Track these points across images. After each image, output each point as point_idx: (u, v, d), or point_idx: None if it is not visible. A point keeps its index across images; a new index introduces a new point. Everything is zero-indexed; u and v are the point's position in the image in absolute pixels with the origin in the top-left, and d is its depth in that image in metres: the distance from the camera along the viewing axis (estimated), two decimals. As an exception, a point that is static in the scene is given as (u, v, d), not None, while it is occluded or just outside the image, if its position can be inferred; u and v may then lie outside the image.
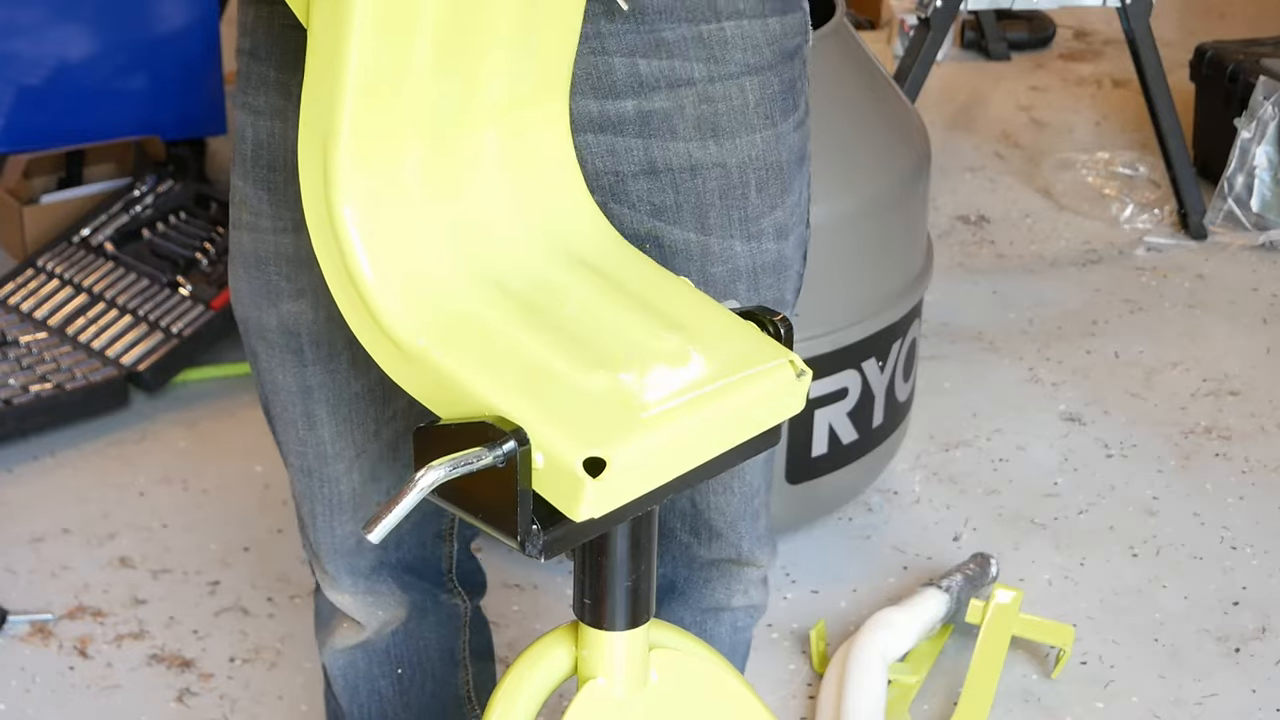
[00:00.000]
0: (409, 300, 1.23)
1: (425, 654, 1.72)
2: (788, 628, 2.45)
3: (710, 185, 1.42)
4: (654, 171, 1.41)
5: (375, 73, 1.19)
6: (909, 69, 3.42)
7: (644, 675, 1.36)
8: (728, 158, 1.41)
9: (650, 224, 1.42)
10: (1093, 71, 4.43)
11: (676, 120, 1.39)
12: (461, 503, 1.21)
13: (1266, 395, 3.03)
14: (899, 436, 2.61)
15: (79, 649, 2.38)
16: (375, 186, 1.22)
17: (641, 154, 1.40)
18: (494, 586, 2.48)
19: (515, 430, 1.16)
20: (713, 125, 1.40)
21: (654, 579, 1.34)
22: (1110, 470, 2.82)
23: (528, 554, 1.19)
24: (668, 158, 1.40)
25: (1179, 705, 2.31)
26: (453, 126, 1.26)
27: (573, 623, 1.37)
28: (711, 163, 1.41)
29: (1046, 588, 2.53)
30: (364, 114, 1.20)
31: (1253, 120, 3.56)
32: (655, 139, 1.40)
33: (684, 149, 1.40)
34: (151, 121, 3.43)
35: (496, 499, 1.18)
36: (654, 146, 1.40)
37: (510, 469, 1.16)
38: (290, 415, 1.51)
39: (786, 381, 1.27)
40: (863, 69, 2.46)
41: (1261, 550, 2.62)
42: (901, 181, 2.44)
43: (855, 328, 2.41)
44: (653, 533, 1.32)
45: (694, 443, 1.23)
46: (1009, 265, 3.49)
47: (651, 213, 1.42)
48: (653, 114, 1.39)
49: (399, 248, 1.24)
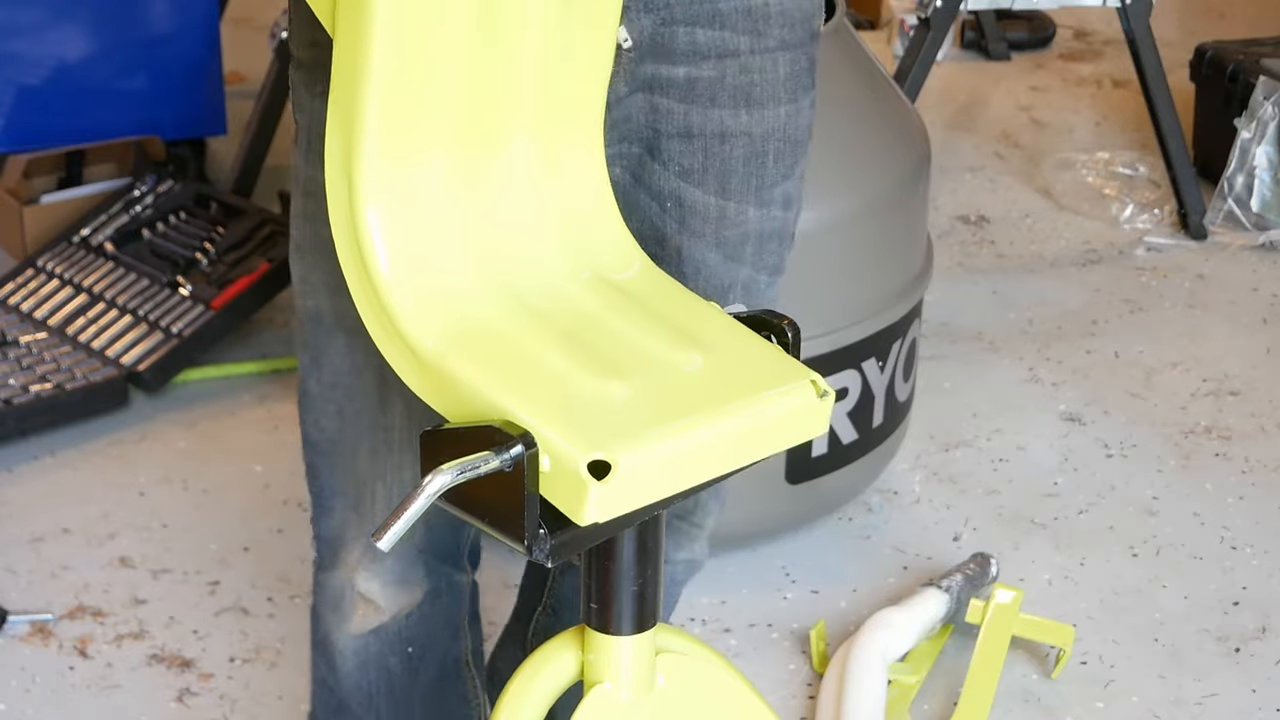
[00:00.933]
0: (425, 303, 1.23)
1: (435, 631, 1.73)
2: (788, 628, 2.45)
3: (736, 153, 1.50)
4: (689, 135, 1.48)
5: (398, 84, 1.20)
6: (909, 69, 3.42)
7: (650, 680, 1.35)
8: (754, 127, 1.49)
9: (676, 184, 1.50)
10: (1093, 71, 4.43)
11: (718, 89, 1.47)
12: (468, 507, 1.20)
13: (1266, 395, 3.03)
14: (899, 436, 2.61)
15: (79, 649, 2.38)
16: (400, 191, 1.23)
17: (681, 118, 1.47)
18: (494, 586, 2.47)
19: (523, 434, 1.16)
20: (747, 95, 1.48)
21: (661, 584, 1.34)
22: (1110, 470, 2.82)
23: (534, 559, 1.18)
24: (704, 123, 1.48)
25: (1179, 705, 2.31)
26: (483, 140, 1.27)
27: (579, 627, 1.36)
28: (741, 131, 1.49)
29: (1046, 588, 2.53)
30: (388, 123, 1.21)
31: (1253, 120, 3.56)
32: (696, 105, 1.47)
33: (719, 116, 1.48)
34: (151, 121, 3.44)
35: (503, 503, 1.18)
36: (694, 112, 1.47)
37: (518, 473, 1.16)
38: (364, 403, 1.52)
39: (808, 401, 1.26)
40: (863, 69, 2.46)
41: (1261, 550, 2.62)
42: (901, 181, 2.44)
43: (855, 328, 2.41)
44: (660, 538, 1.32)
45: (706, 457, 1.22)
46: (1009, 265, 3.49)
47: (680, 174, 1.49)
48: (699, 81, 1.46)
49: (419, 251, 1.24)
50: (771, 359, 1.28)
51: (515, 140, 1.29)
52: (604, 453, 1.15)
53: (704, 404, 1.22)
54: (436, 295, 1.24)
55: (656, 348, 1.26)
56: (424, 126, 1.23)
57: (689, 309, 1.32)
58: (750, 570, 2.55)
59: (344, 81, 1.22)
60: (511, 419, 1.17)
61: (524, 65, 1.27)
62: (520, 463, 1.15)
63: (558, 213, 1.32)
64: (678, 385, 1.23)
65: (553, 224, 1.32)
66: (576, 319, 1.27)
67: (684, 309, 1.31)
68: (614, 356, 1.24)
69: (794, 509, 2.54)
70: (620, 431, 1.18)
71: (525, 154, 1.30)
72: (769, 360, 1.28)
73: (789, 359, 1.29)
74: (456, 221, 1.26)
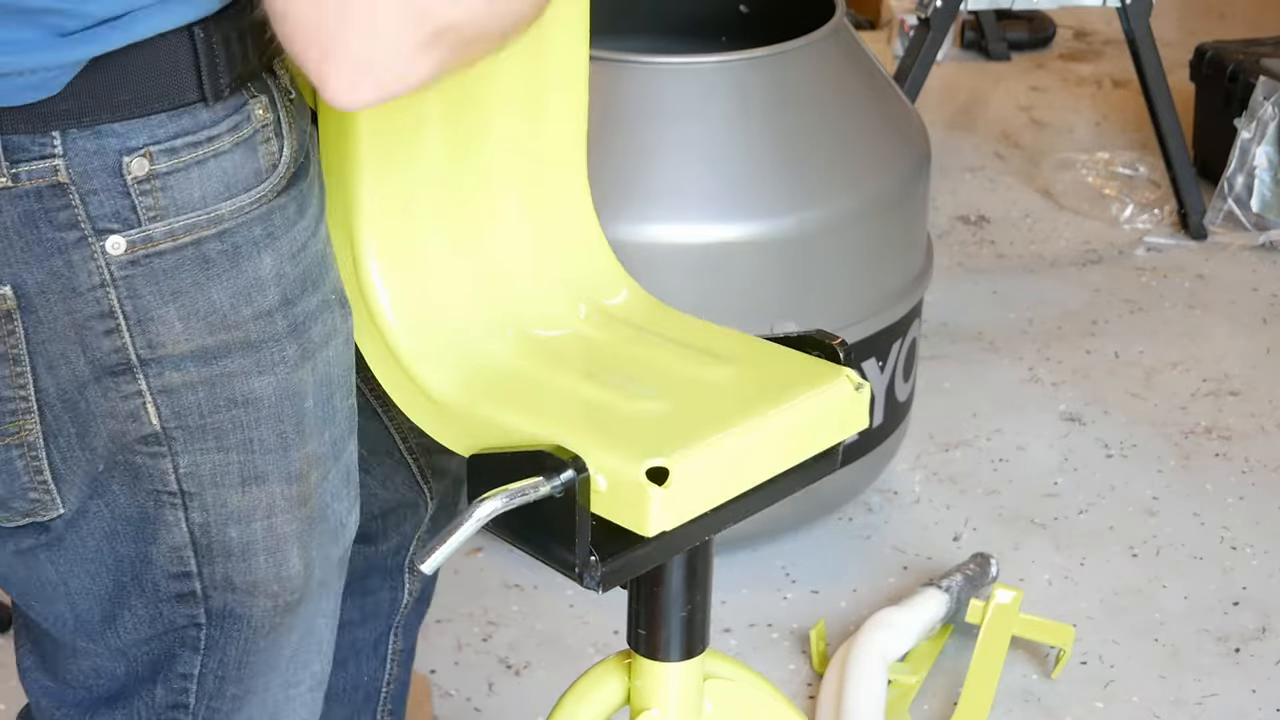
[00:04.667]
0: (442, 357, 1.24)
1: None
2: (788, 628, 2.45)
3: None
4: None
5: (383, 152, 1.22)
6: (909, 69, 3.42)
7: (699, 707, 1.34)
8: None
9: None
10: (1093, 71, 4.43)
11: None
12: (515, 532, 1.19)
13: (1266, 395, 3.03)
14: (899, 436, 2.61)
15: (79, 649, 2.38)
16: (400, 251, 1.24)
17: None
18: (494, 586, 2.48)
19: (574, 459, 1.14)
20: None
21: (709, 609, 1.32)
22: (1110, 470, 2.81)
23: (585, 586, 1.16)
24: None
25: (1179, 705, 2.31)
26: (471, 188, 1.28)
27: (624, 652, 1.35)
28: None
29: (1046, 588, 2.53)
30: (379, 189, 1.22)
31: (1253, 120, 3.56)
32: None
33: None
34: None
35: (552, 528, 1.16)
36: None
37: (568, 498, 1.14)
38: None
39: (845, 396, 1.27)
40: (863, 69, 2.46)
41: (1261, 550, 2.62)
42: (901, 181, 2.44)
43: (855, 328, 2.41)
44: (709, 563, 1.30)
45: (757, 458, 1.22)
46: (1009, 265, 3.49)
47: None
48: None
49: (427, 311, 1.25)
50: (799, 362, 1.29)
51: (503, 197, 1.31)
52: (661, 459, 1.15)
53: (746, 409, 1.23)
54: (452, 346, 1.25)
55: (683, 367, 1.27)
56: (414, 186, 1.25)
57: (700, 330, 1.33)
58: (750, 570, 2.55)
59: (334, 168, 1.23)
60: (561, 444, 1.16)
61: (501, 137, 1.28)
62: (571, 488, 1.14)
63: (551, 252, 1.34)
64: (716, 396, 1.24)
65: (547, 262, 1.33)
66: (594, 352, 1.28)
67: (695, 331, 1.33)
68: (643, 379, 1.25)
69: (794, 509, 2.54)
70: (672, 440, 1.18)
71: (515, 209, 1.31)
72: (797, 364, 1.29)
73: (817, 360, 1.30)
74: (459, 276, 1.27)
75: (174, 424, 1.16)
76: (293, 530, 1.23)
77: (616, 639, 2.39)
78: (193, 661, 1.26)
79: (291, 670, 1.31)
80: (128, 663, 1.27)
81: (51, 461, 1.18)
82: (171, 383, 1.15)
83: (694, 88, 2.29)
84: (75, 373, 1.14)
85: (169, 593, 1.24)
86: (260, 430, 1.18)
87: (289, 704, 1.32)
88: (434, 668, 2.34)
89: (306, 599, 1.27)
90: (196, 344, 1.14)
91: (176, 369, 1.15)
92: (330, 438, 1.23)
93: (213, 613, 1.24)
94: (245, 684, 1.29)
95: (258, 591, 1.24)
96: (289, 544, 1.23)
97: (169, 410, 1.16)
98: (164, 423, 1.16)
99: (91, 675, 1.29)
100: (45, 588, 1.25)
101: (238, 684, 1.28)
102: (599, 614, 2.44)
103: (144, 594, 1.24)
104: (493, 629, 2.42)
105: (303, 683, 1.33)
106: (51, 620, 1.27)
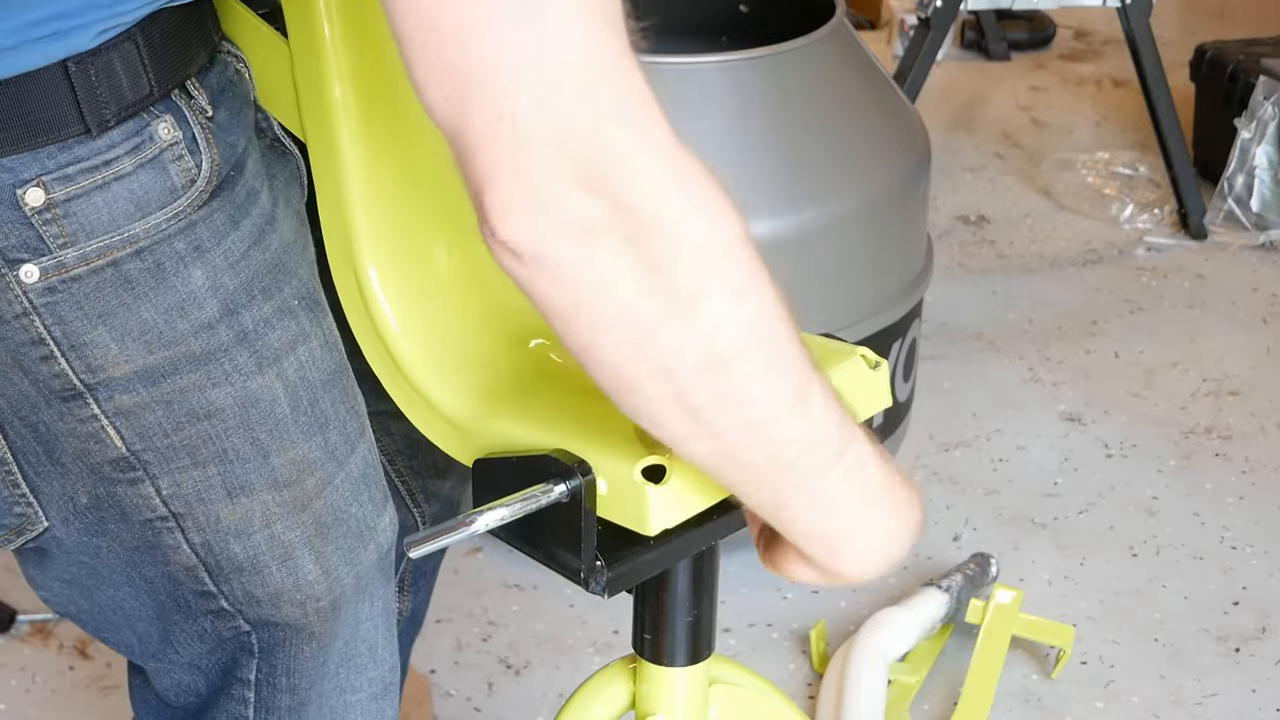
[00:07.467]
0: (451, 372, 1.23)
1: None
2: (788, 628, 2.45)
3: None
4: None
5: (383, 166, 1.21)
6: (909, 69, 3.42)
7: (704, 712, 1.33)
8: None
9: None
10: (1093, 71, 4.43)
11: None
12: (519, 536, 1.18)
13: (1266, 395, 3.03)
14: (899, 436, 2.61)
15: (79, 649, 2.38)
16: (404, 266, 1.23)
17: None
18: (494, 586, 2.48)
19: (579, 463, 1.13)
20: None
21: (715, 614, 1.31)
22: (1110, 470, 2.82)
23: (591, 591, 1.15)
24: None
25: (1179, 705, 2.31)
26: (466, 217, 1.28)
27: (629, 656, 1.34)
28: None
29: (1046, 588, 2.53)
30: (380, 204, 1.21)
31: (1253, 120, 3.56)
32: None
33: None
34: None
35: (557, 533, 1.15)
36: None
37: (574, 503, 1.13)
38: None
39: (863, 375, 1.24)
40: (863, 69, 2.46)
41: (1261, 550, 2.62)
42: (901, 181, 2.44)
43: (855, 328, 2.41)
44: (715, 568, 1.29)
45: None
46: (1009, 265, 3.49)
47: None
48: None
49: (433, 320, 1.24)
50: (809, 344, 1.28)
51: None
52: (655, 458, 1.14)
53: None
54: (467, 371, 1.24)
55: None
56: (412, 219, 1.24)
57: None
58: (750, 570, 2.54)
59: (333, 182, 1.22)
60: (566, 448, 1.15)
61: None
62: (578, 493, 1.13)
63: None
64: None
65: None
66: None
67: None
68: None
69: (794, 509, 2.54)
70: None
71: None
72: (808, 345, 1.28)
73: (829, 341, 1.27)
74: (464, 290, 1.27)
75: (141, 446, 1.16)
76: (299, 537, 1.23)
77: (616, 639, 2.39)
78: (250, 666, 1.28)
79: (344, 676, 1.31)
80: (204, 674, 1.29)
81: (26, 476, 1.19)
82: (124, 405, 1.14)
83: (694, 88, 2.29)
84: (24, 396, 1.14)
85: (202, 610, 1.25)
86: (232, 440, 1.18)
87: (348, 711, 1.32)
88: (434, 668, 2.34)
89: (342, 604, 1.27)
90: (139, 364, 1.13)
91: (125, 391, 1.14)
92: (326, 441, 1.22)
93: (252, 621, 1.25)
94: (298, 695, 1.29)
95: (282, 601, 1.24)
96: (299, 551, 1.23)
97: (132, 434, 1.16)
98: (129, 446, 1.16)
99: (180, 691, 1.31)
100: (101, 615, 1.27)
101: (290, 694, 1.29)
102: (599, 614, 2.44)
103: (184, 611, 1.25)
104: (493, 629, 2.42)
105: (361, 689, 1.33)
106: (124, 648, 1.29)
